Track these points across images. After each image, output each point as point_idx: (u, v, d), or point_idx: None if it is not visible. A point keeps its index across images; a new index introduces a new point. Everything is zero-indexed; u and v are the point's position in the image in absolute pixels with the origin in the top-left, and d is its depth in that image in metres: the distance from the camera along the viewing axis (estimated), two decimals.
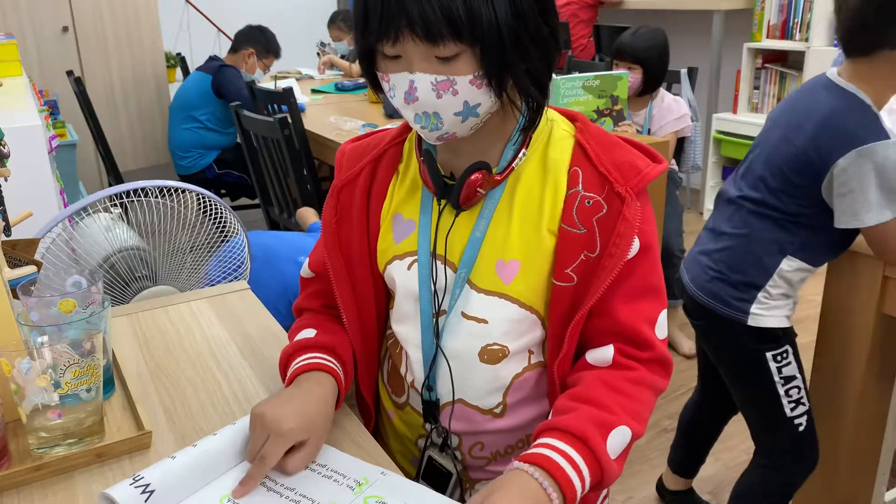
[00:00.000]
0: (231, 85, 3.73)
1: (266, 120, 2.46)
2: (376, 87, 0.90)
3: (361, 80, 4.38)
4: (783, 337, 1.63)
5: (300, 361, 0.98)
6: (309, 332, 1.03)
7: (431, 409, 0.99)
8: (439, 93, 0.83)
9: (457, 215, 0.93)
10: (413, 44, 0.80)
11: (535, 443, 0.85)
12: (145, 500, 0.79)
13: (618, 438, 0.85)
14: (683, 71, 3.28)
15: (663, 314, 0.94)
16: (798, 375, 1.64)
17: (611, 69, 3.64)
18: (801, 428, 1.66)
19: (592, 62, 4.18)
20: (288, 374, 0.98)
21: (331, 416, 0.94)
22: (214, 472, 0.87)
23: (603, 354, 0.92)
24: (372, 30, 0.81)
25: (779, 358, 1.62)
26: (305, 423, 0.88)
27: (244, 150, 2.73)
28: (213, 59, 3.96)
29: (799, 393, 1.64)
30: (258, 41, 4.01)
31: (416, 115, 0.85)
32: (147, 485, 0.80)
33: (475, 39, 0.79)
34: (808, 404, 1.66)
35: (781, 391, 1.64)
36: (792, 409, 1.65)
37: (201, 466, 0.86)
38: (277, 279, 1.95)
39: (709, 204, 4.39)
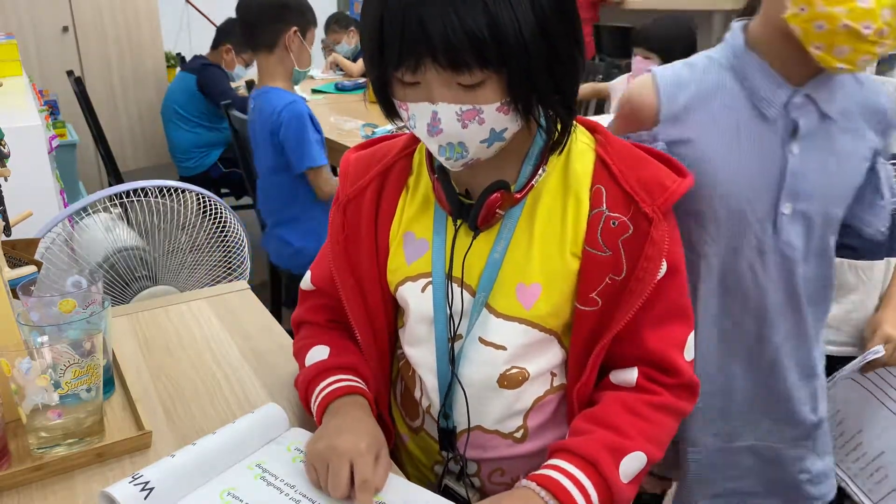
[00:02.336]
0: (215, 85, 3.69)
1: (244, 118, 2.46)
2: (392, 114, 0.85)
3: (361, 80, 4.38)
4: None
5: (327, 387, 0.94)
6: (321, 352, 0.99)
7: (448, 436, 0.96)
8: (465, 123, 0.78)
9: (475, 236, 0.88)
10: (435, 72, 0.75)
11: (546, 463, 0.84)
12: (144, 498, 0.79)
13: (632, 463, 0.84)
14: None
15: (691, 337, 0.91)
16: None
17: (612, 69, 3.65)
18: None
19: (592, 62, 4.18)
20: (317, 401, 0.94)
21: (380, 429, 0.92)
22: (214, 470, 0.87)
23: (627, 376, 0.90)
24: (389, 57, 0.76)
25: None
26: (373, 437, 0.88)
27: (236, 149, 2.72)
28: (197, 58, 3.92)
29: None
30: (234, 35, 3.82)
31: (441, 146, 0.81)
32: (146, 482, 0.80)
33: (502, 65, 0.74)
34: None
35: None
36: None
37: (201, 464, 0.86)
38: None
39: None
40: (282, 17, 2.17)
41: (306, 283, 1.05)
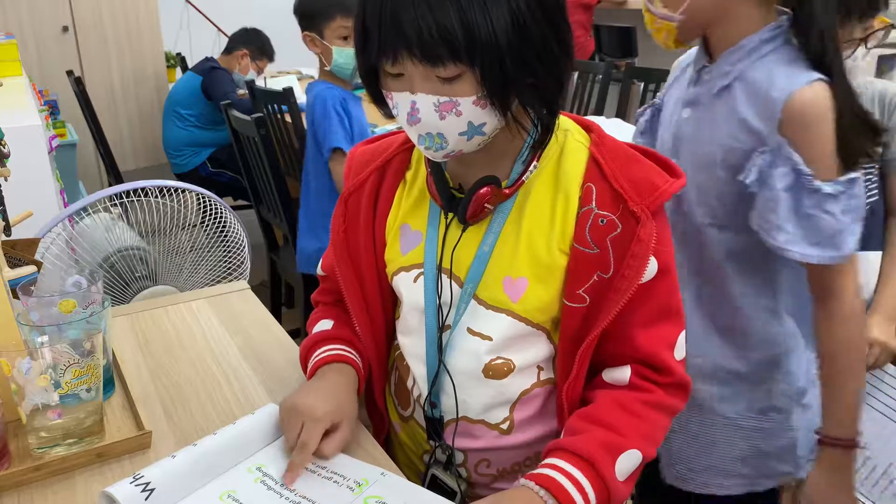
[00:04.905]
0: (219, 87, 3.74)
1: (244, 119, 2.47)
2: (380, 102, 0.87)
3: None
4: None
5: (320, 354, 1.00)
6: (326, 324, 1.05)
7: (435, 426, 0.98)
8: (442, 114, 0.80)
9: (464, 229, 0.91)
10: (412, 64, 0.78)
11: (543, 462, 0.84)
12: (145, 499, 0.79)
13: (627, 462, 0.85)
14: None
15: (682, 336, 0.92)
16: None
17: (610, 70, 3.65)
18: None
19: (591, 61, 4.18)
20: (309, 366, 1.01)
21: (356, 402, 0.96)
22: (215, 471, 0.87)
23: (620, 375, 0.90)
24: (372, 49, 0.79)
25: None
26: (336, 407, 0.91)
27: (235, 149, 2.73)
28: (206, 59, 3.98)
29: None
30: (252, 43, 4.05)
31: (420, 136, 0.84)
32: (147, 483, 0.80)
33: (474, 61, 0.76)
34: None
35: None
36: None
37: (201, 465, 0.86)
38: None
39: None
40: None
41: (319, 268, 1.11)
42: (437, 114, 0.81)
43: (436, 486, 0.99)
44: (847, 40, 1.26)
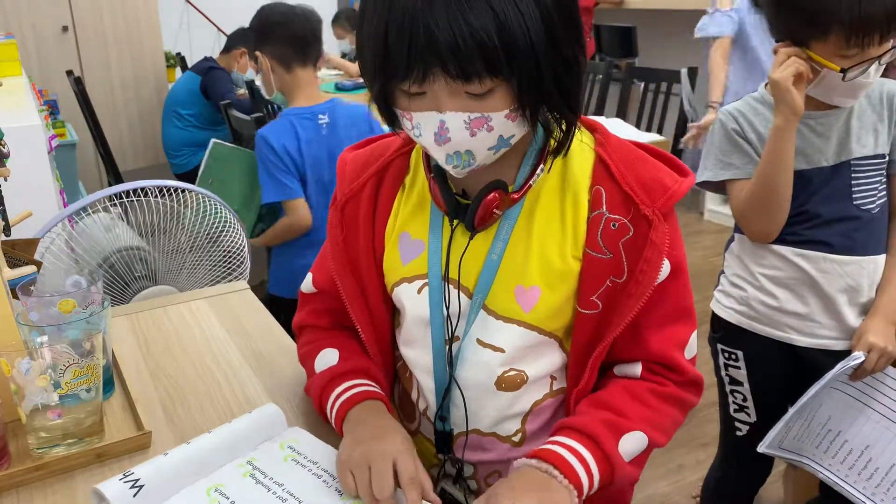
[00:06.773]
0: (217, 87, 3.75)
1: (244, 118, 2.47)
2: (393, 123, 0.83)
3: (361, 80, 4.37)
4: (739, 339, 1.54)
5: (343, 393, 0.93)
6: (331, 356, 0.98)
7: (445, 439, 0.95)
8: (473, 131, 0.77)
9: (472, 237, 0.87)
10: (444, 82, 0.73)
11: (547, 440, 0.85)
12: (134, 496, 0.79)
13: (633, 442, 0.84)
14: (683, 71, 3.28)
15: (693, 335, 0.91)
16: (745, 385, 1.56)
17: (610, 70, 3.65)
18: (739, 433, 1.60)
19: (591, 61, 4.18)
20: (334, 408, 0.93)
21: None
22: (207, 469, 0.87)
23: (631, 369, 0.90)
24: (395, 68, 0.73)
25: (727, 355, 1.57)
26: (407, 438, 0.87)
27: None
28: (205, 59, 3.98)
29: (744, 401, 1.57)
30: (250, 41, 4.03)
31: (448, 155, 0.79)
32: (136, 480, 0.81)
33: (512, 73, 0.73)
34: (753, 417, 1.57)
35: (727, 388, 1.60)
36: (734, 411, 1.60)
37: (194, 462, 0.86)
38: None
39: (709, 204, 4.38)
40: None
41: (307, 286, 1.03)
42: (468, 131, 0.77)
43: (444, 499, 0.97)
44: (865, 60, 1.29)
